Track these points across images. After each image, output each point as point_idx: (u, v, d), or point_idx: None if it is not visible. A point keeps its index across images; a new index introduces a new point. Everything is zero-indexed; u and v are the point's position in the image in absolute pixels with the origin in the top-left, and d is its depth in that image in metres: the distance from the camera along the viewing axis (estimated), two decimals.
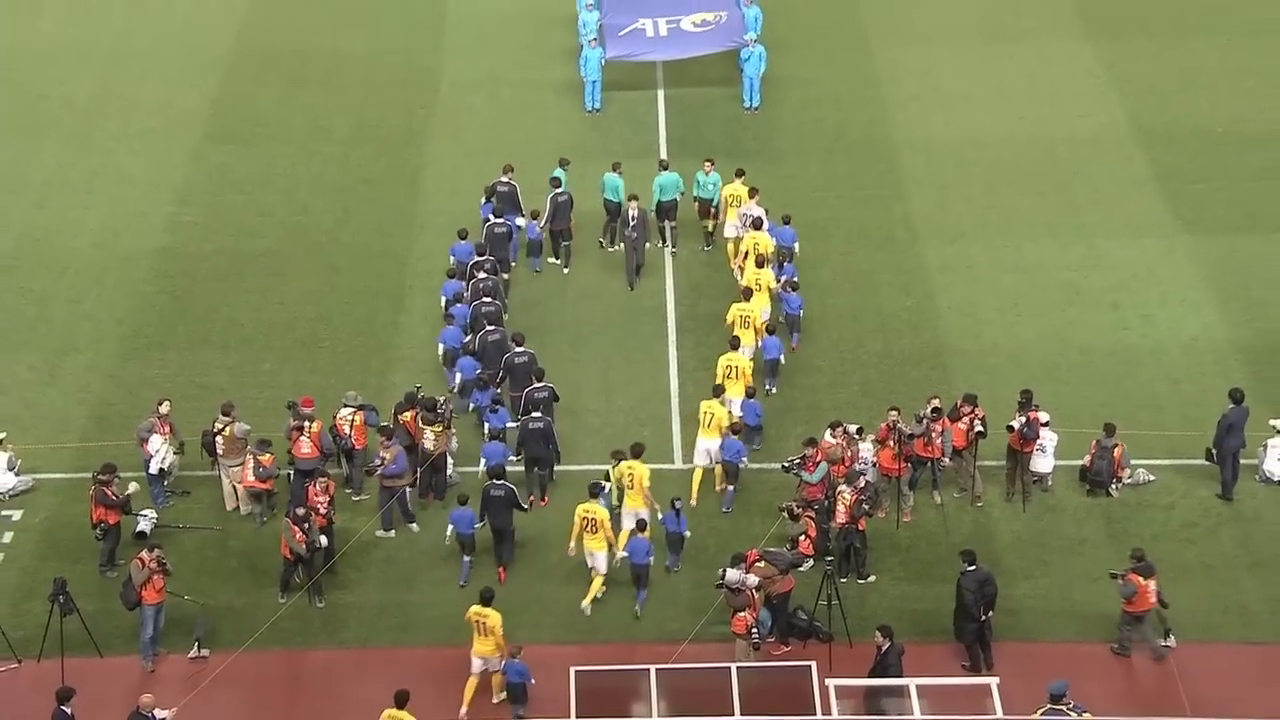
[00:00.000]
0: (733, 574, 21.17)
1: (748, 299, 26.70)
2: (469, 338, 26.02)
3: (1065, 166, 32.22)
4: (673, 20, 35.00)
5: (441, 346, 26.26)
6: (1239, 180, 31.62)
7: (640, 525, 22.80)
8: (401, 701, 19.48)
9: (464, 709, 21.00)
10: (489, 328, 25.95)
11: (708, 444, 24.24)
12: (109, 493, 22.64)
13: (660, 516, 23.08)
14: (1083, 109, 34.07)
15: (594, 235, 30.02)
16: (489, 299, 26.59)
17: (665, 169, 29.84)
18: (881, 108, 34.24)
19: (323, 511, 22.63)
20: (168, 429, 24.13)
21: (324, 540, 22.61)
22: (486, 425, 24.61)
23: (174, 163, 32.49)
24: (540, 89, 35.02)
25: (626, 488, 23.21)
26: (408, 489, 23.82)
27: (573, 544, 22.57)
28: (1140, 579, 21.41)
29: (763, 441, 25.07)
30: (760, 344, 26.13)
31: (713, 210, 29.60)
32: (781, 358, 26.25)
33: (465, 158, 31.70)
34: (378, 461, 23.39)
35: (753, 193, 29.03)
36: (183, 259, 29.69)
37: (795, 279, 27.35)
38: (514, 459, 24.23)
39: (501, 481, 23.18)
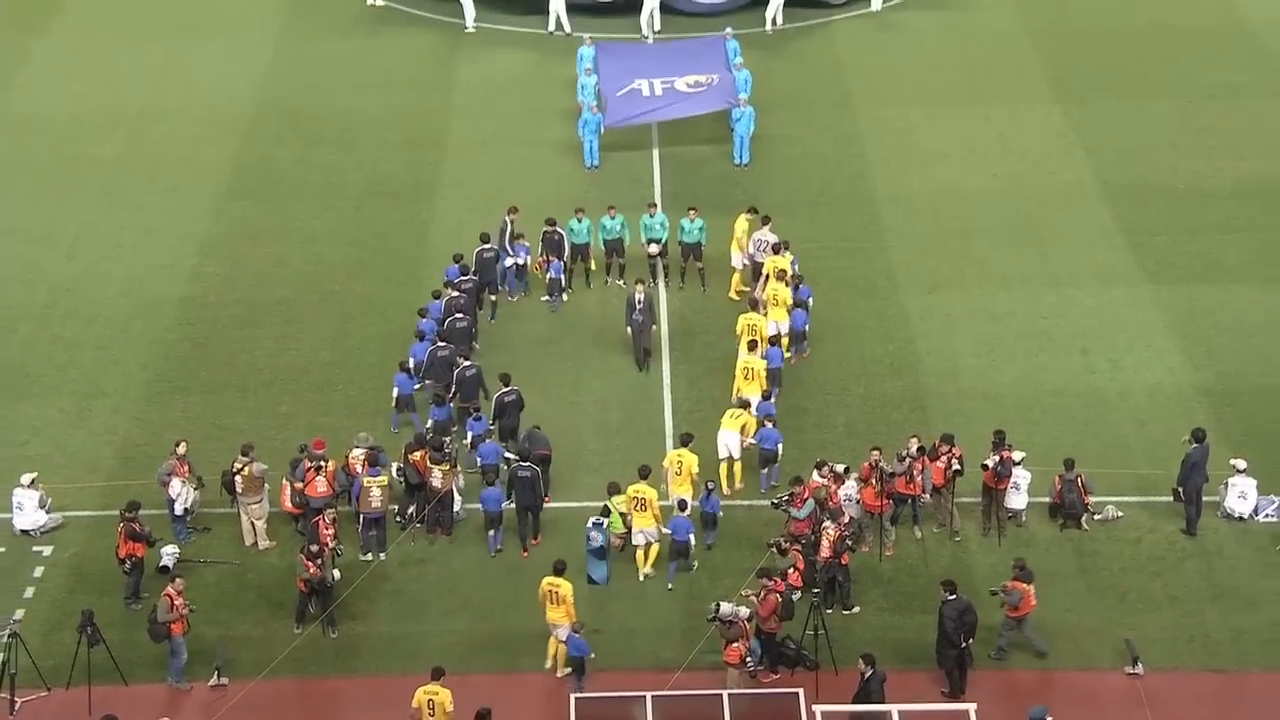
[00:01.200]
0: (726, 607, 21.27)
1: (753, 309, 27.78)
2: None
3: (1036, 220, 32.24)
4: (667, 81, 35.06)
5: (412, 360, 26.58)
6: (1199, 233, 31.67)
7: (681, 505, 23.65)
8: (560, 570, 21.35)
9: (549, 663, 22.14)
10: (439, 344, 26.31)
11: (643, 530, 23.80)
12: (136, 527, 22.67)
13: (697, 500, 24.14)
14: (1052, 166, 34.17)
15: (585, 278, 30.24)
16: (461, 314, 27.10)
17: (652, 209, 30.31)
18: (864, 164, 34.29)
19: (331, 545, 22.63)
20: (185, 469, 24.14)
21: (337, 574, 22.61)
22: (470, 433, 25.25)
23: (197, 217, 32.51)
24: (542, 147, 35.08)
25: (674, 474, 24.08)
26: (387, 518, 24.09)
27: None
28: (1023, 585, 21.70)
29: (780, 474, 25.17)
30: (764, 354, 26.43)
31: (698, 252, 29.81)
32: (779, 447, 25.71)
33: (471, 212, 31.79)
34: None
35: (765, 220, 29.58)
36: (204, 307, 29.70)
37: (808, 300, 28.08)
38: (507, 504, 24.34)
39: (528, 463, 24.16)
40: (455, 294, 27.73)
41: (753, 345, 26.63)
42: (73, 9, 40.99)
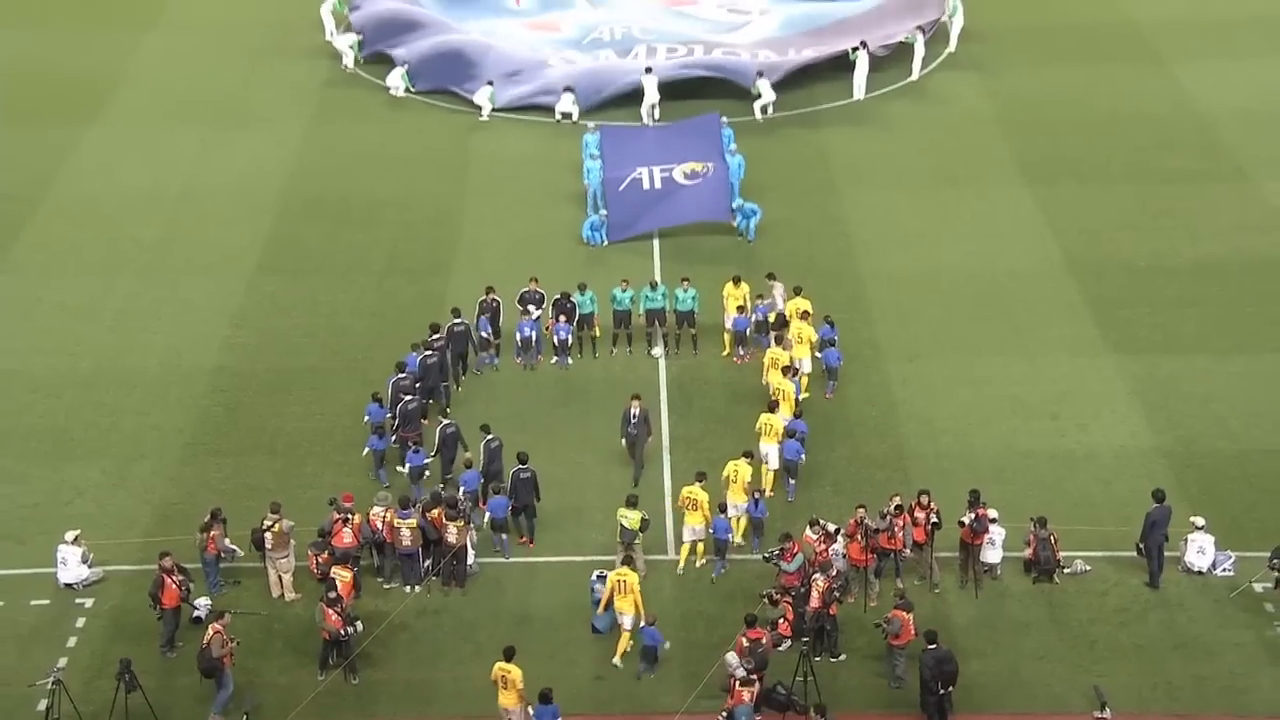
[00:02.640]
0: (731, 658, 21.57)
1: (780, 344, 28.80)
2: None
3: (1009, 295, 32.35)
4: (666, 169, 35.31)
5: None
6: (1159, 307, 31.75)
7: (722, 508, 24.76)
8: (509, 655, 21.46)
9: (617, 659, 22.86)
10: (406, 398, 26.95)
11: (691, 530, 24.76)
12: (178, 579, 22.90)
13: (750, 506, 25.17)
14: (1023, 245, 34.26)
15: (591, 346, 30.44)
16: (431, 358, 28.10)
17: (654, 287, 30.58)
18: (848, 243, 34.40)
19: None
20: (217, 536, 24.29)
21: (359, 625, 22.66)
22: (408, 465, 26.27)
23: (231, 292, 32.61)
24: (550, 225, 35.20)
25: (730, 481, 25.00)
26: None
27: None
28: (904, 614, 21.96)
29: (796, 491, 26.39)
30: (781, 446, 26.67)
31: (691, 319, 30.17)
32: (803, 457, 26.54)
33: (484, 286, 31.88)
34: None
35: (770, 275, 30.35)
36: (237, 375, 29.79)
37: (834, 338, 28.79)
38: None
39: (527, 466, 25.15)
40: (429, 353, 28.37)
41: (773, 407, 27.06)
42: (119, 101, 41.34)
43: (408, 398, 27.11)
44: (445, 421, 26.87)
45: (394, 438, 26.96)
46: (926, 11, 43.77)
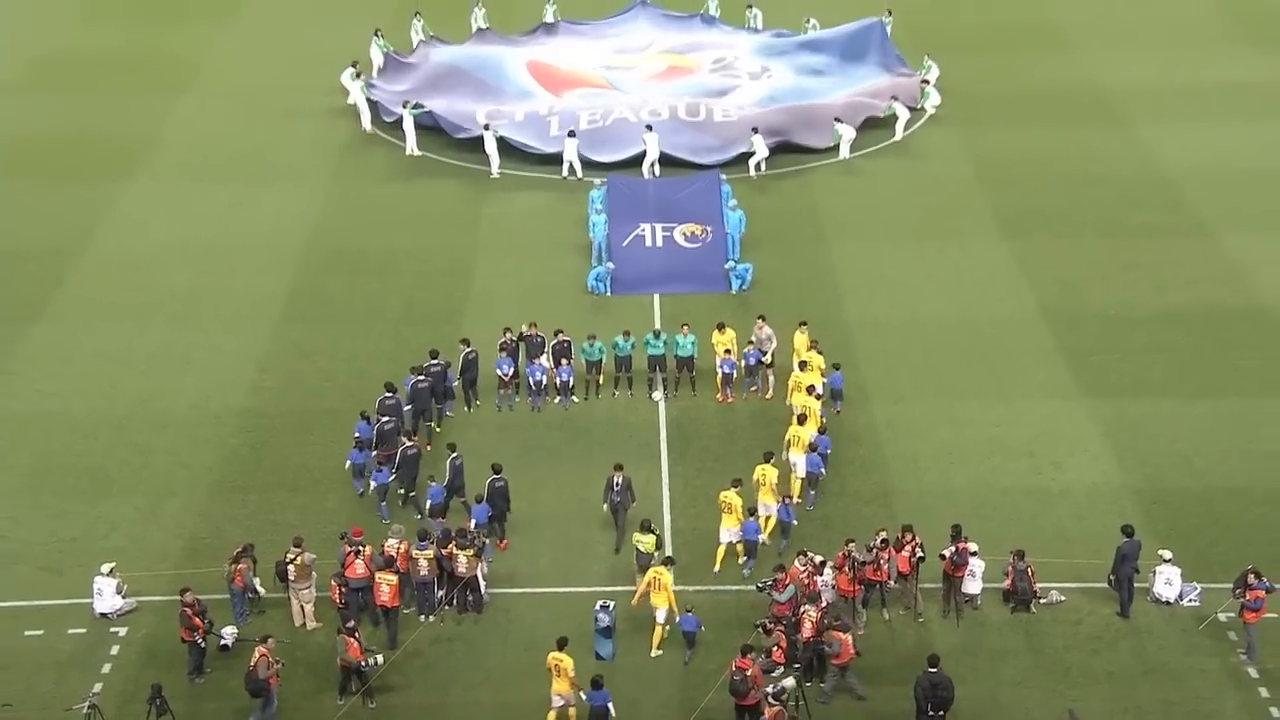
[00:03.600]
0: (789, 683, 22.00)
1: (802, 370, 29.44)
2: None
3: (987, 341, 32.45)
4: (668, 228, 35.67)
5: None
6: (1128, 354, 31.84)
7: (752, 510, 25.51)
8: (562, 645, 22.18)
9: (655, 650, 23.71)
10: (384, 419, 27.79)
11: (728, 531, 25.75)
12: (195, 618, 23.05)
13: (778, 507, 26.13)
14: (1000, 295, 34.39)
15: (595, 390, 30.61)
16: (389, 418, 28.08)
17: (656, 335, 30.80)
18: (836, 292, 34.50)
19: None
20: (245, 568, 24.41)
21: (380, 658, 22.76)
22: (372, 482, 27.09)
23: (256, 338, 32.72)
24: (557, 275, 35.31)
25: (759, 484, 26.01)
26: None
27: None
28: (842, 635, 22.22)
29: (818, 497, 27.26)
30: (798, 461, 27.45)
31: (690, 364, 30.41)
32: (823, 470, 27.33)
33: (494, 332, 31.66)
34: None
35: (760, 317, 31.05)
36: (262, 417, 29.90)
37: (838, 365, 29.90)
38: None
39: (501, 476, 26.19)
40: (421, 377, 29.02)
41: (802, 419, 27.82)
42: (154, 160, 41.50)
43: (385, 418, 27.61)
44: (408, 444, 27.29)
45: (373, 453, 27.50)
46: (901, 95, 43.80)
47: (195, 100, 45.50)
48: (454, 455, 26.84)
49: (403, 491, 27.25)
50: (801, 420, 27.60)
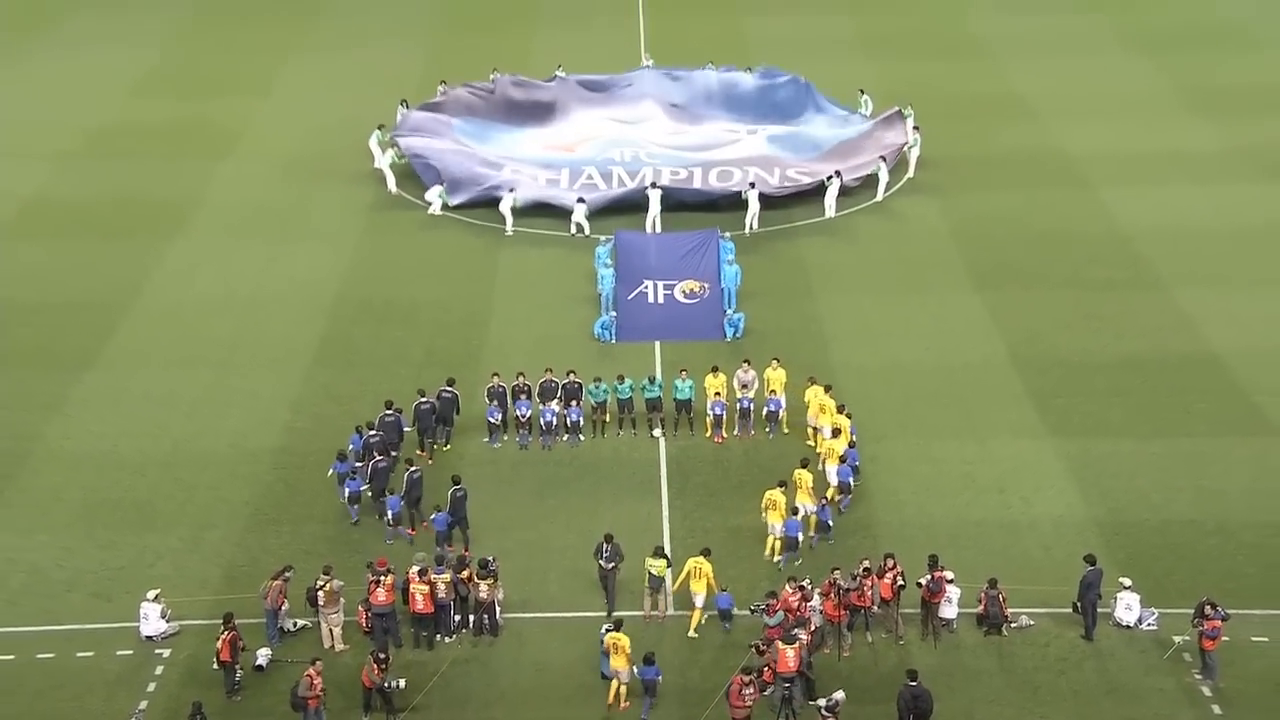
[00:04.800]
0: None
1: (827, 390, 30.25)
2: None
3: (961, 385, 32.54)
4: (669, 284, 35.96)
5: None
6: (1091, 397, 31.92)
7: (794, 510, 26.40)
8: (618, 625, 23.06)
9: (692, 631, 24.59)
10: (370, 432, 28.65)
11: (773, 524, 26.65)
12: (239, 641, 23.33)
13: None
14: (973, 342, 34.46)
15: (601, 429, 30.71)
16: (381, 456, 28.39)
17: (652, 381, 31.07)
18: (823, 340, 34.60)
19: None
20: (284, 590, 24.57)
21: (402, 683, 22.86)
22: (347, 490, 27.78)
23: (290, 383, 32.84)
24: (566, 325, 35.44)
25: (797, 487, 26.89)
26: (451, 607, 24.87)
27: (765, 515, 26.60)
28: (783, 645, 22.45)
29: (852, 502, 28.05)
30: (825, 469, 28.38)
31: (689, 406, 30.55)
32: (853, 479, 28.24)
33: (509, 375, 31.50)
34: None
35: (746, 360, 31.31)
36: (295, 455, 29.95)
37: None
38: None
39: (460, 486, 26.86)
40: (424, 400, 29.93)
41: (835, 432, 28.95)
42: (198, 220, 41.75)
43: (371, 432, 28.24)
44: (379, 457, 27.88)
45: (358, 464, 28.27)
46: (893, 138, 44.45)
47: (235, 165, 45.88)
48: (412, 469, 27.64)
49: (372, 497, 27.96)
50: (835, 434, 28.58)
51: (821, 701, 21.92)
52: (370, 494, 27.81)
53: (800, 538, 26.45)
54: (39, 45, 57.78)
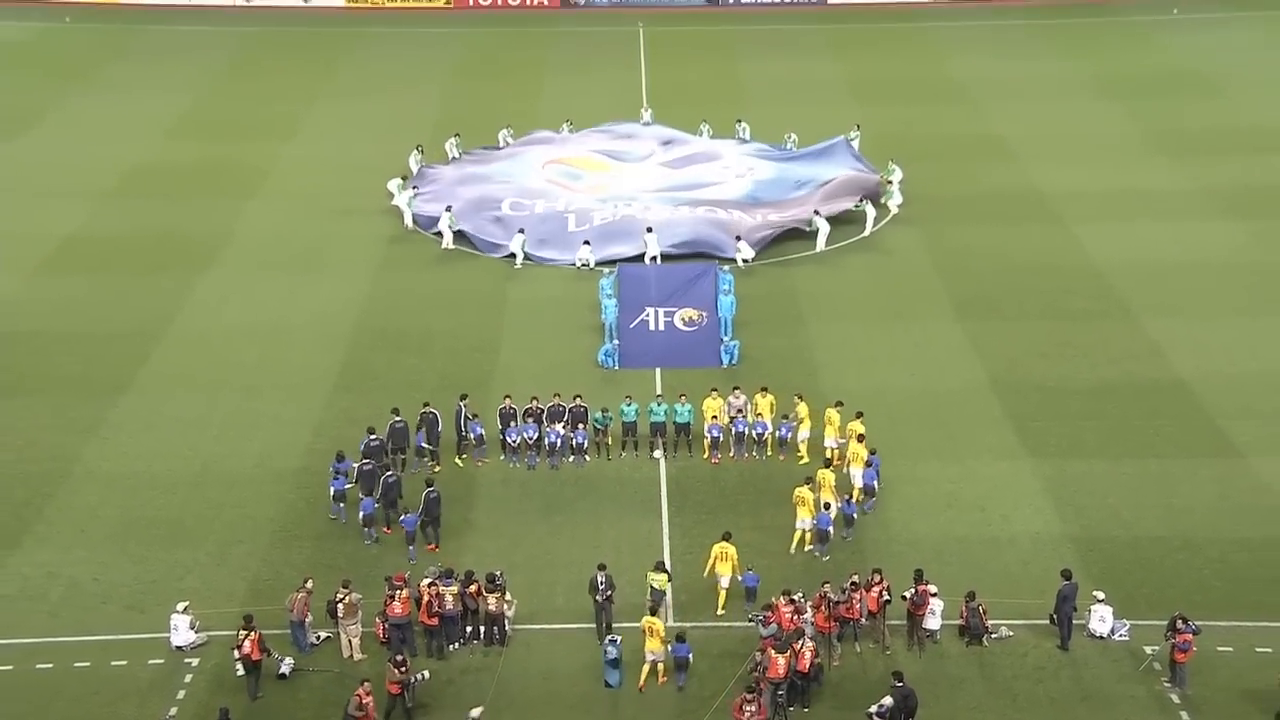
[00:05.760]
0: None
1: (858, 418, 30.20)
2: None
3: (944, 409, 32.59)
4: (669, 312, 36.09)
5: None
6: (1066, 420, 31.99)
7: (826, 505, 27.21)
8: (654, 610, 23.60)
9: (720, 610, 25.18)
10: (365, 461, 28.65)
11: (803, 519, 27.26)
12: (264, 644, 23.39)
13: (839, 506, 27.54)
14: (955, 369, 34.54)
15: (605, 451, 30.71)
16: (368, 460, 28.87)
17: (659, 403, 31.18)
18: (814, 366, 34.63)
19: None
20: (308, 601, 24.59)
21: (426, 674, 23.02)
22: (332, 488, 28.29)
23: (311, 407, 32.90)
24: (572, 352, 35.52)
25: (822, 485, 27.57)
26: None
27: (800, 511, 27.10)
28: (774, 653, 22.46)
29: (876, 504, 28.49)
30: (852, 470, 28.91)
31: (687, 430, 30.63)
32: (876, 483, 28.79)
33: (519, 400, 31.57)
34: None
35: (735, 388, 31.41)
36: (315, 474, 29.84)
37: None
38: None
39: (434, 488, 27.28)
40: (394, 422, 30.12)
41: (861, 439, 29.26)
42: (227, 254, 41.89)
43: (365, 461, 28.64)
44: (389, 474, 28.31)
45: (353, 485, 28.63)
46: (867, 187, 44.76)
47: (262, 203, 46.12)
48: (388, 475, 28.12)
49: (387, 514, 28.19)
50: (861, 439, 28.99)
51: (873, 709, 22.13)
52: (361, 495, 28.33)
53: (831, 530, 26.96)
54: (81, 92, 58.21)
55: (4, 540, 27.97)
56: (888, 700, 22.09)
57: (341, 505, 28.35)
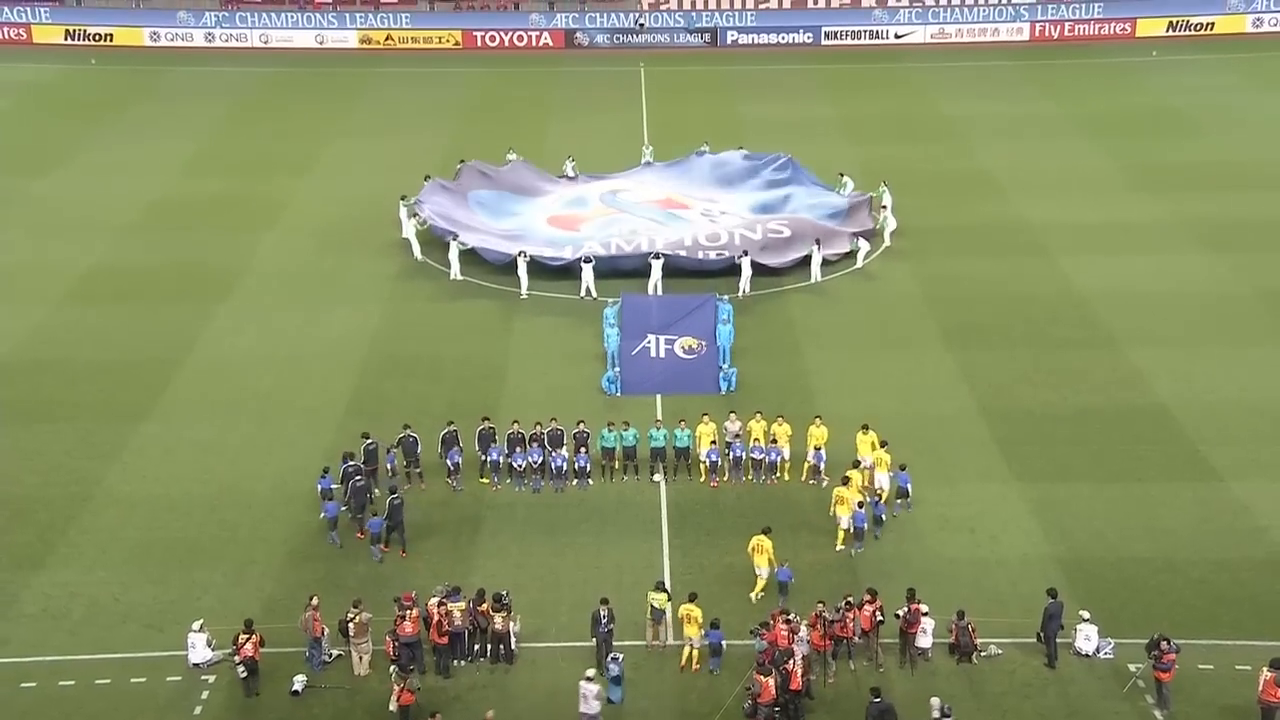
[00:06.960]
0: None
1: (866, 432, 30.70)
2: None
3: (934, 434, 32.60)
4: (670, 340, 36.15)
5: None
6: (1052, 445, 32.00)
7: (860, 504, 27.65)
8: (693, 598, 24.27)
9: (758, 593, 25.97)
10: (358, 478, 28.93)
11: (841, 516, 27.95)
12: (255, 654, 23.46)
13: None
14: (944, 395, 34.60)
15: (609, 474, 30.71)
16: (359, 476, 29.23)
17: (658, 427, 31.09)
18: (809, 393, 34.65)
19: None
20: (319, 617, 24.60)
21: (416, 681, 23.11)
22: (370, 529, 28.28)
23: (324, 432, 32.90)
24: (575, 379, 35.54)
25: (855, 484, 28.10)
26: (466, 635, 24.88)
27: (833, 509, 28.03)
28: (762, 678, 22.42)
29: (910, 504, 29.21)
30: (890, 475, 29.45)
31: (686, 453, 30.64)
32: (909, 485, 29.48)
33: (525, 426, 31.59)
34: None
35: (732, 411, 31.56)
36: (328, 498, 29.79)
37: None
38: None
39: (398, 495, 27.98)
40: (369, 441, 30.51)
41: (884, 444, 29.95)
42: (244, 285, 42.06)
43: (358, 478, 28.89)
44: (351, 464, 28.93)
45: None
46: (862, 221, 44.94)
47: (278, 236, 46.30)
48: (357, 479, 28.60)
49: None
50: (883, 444, 29.65)
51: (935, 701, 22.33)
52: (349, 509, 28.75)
53: (865, 528, 27.50)
54: (105, 131, 58.55)
55: (29, 561, 28.03)
56: (936, 700, 22.04)
57: (335, 532, 28.45)
